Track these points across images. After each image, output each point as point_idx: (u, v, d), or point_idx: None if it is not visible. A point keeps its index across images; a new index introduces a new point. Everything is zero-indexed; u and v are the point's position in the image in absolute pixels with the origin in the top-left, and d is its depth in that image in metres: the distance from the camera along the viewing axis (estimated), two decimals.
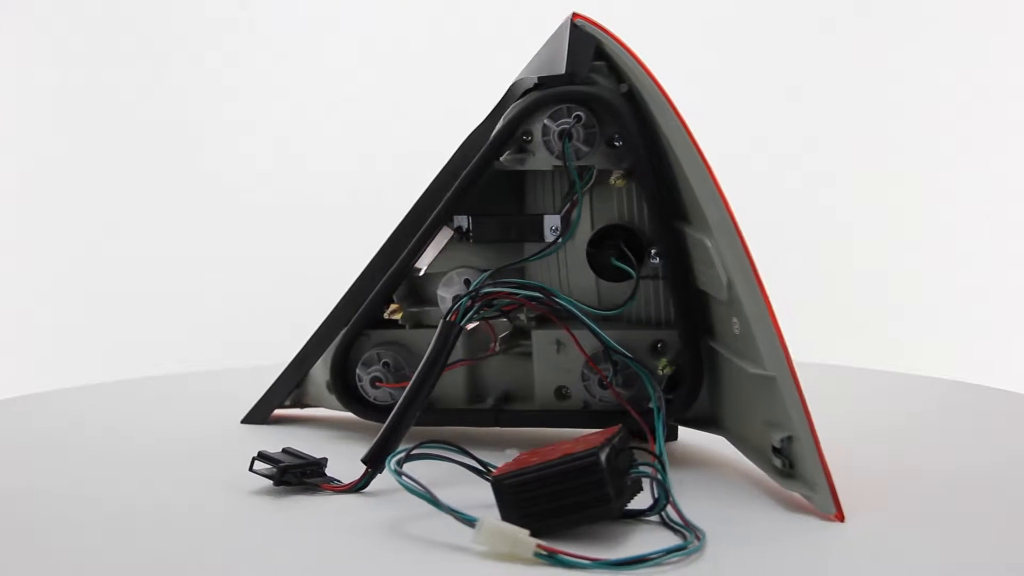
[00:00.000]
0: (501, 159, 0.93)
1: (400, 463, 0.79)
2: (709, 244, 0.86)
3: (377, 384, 0.97)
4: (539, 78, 0.91)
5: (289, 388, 1.04)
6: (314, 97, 1.87)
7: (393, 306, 0.97)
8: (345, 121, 1.76)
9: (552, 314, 0.90)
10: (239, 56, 1.88)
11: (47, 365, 1.85)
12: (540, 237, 0.94)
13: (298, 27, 1.89)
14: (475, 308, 0.88)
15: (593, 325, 0.87)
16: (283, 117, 1.90)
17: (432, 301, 0.98)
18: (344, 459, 0.89)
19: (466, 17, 1.81)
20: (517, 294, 0.88)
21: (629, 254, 0.91)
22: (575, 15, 0.92)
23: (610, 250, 0.92)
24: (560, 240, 0.93)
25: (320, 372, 1.02)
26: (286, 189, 1.81)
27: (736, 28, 1.96)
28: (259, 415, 1.05)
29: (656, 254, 0.91)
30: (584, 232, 0.94)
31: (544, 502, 0.74)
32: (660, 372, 0.92)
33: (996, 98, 1.89)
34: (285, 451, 0.87)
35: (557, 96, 0.91)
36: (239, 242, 1.85)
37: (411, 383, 0.86)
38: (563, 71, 0.90)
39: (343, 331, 0.99)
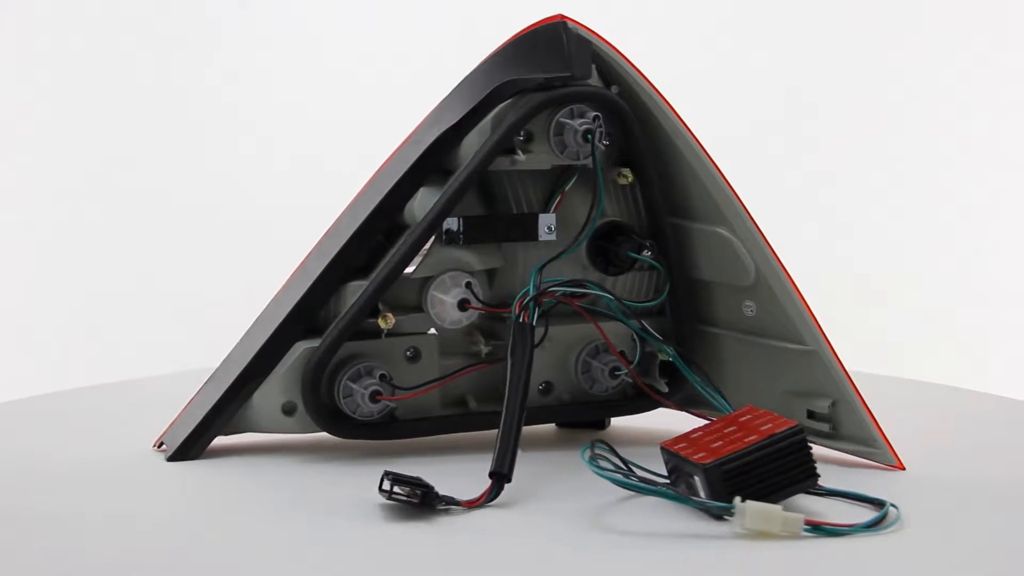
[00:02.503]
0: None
1: (594, 461, 0.79)
2: (729, 235, 0.94)
3: (378, 398, 0.92)
4: (545, 79, 0.92)
5: (228, 416, 0.94)
6: (315, 96, 1.87)
7: (386, 315, 0.92)
8: (346, 121, 1.65)
9: (585, 311, 0.92)
10: (239, 58, 1.88)
11: (45, 365, 1.81)
12: (534, 236, 0.95)
13: (298, 26, 1.90)
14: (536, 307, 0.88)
15: (644, 323, 0.91)
16: (285, 117, 1.88)
17: (406, 307, 0.94)
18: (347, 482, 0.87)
19: (466, 17, 1.61)
20: (588, 292, 0.90)
21: (646, 245, 0.95)
22: (562, 17, 0.94)
23: (626, 244, 0.95)
24: (584, 235, 0.95)
25: (271, 393, 0.93)
26: (288, 189, 1.78)
27: (736, 28, 1.94)
28: (192, 450, 0.94)
29: (651, 247, 0.96)
30: (574, 228, 0.96)
31: (756, 483, 0.78)
32: (660, 357, 0.97)
33: (996, 98, 1.89)
34: (389, 473, 0.81)
35: (568, 96, 0.92)
36: (239, 242, 1.82)
37: (509, 390, 0.84)
38: (565, 72, 0.92)
39: (313, 347, 0.92)
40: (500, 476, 0.82)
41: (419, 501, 0.78)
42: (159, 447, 0.96)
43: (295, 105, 1.89)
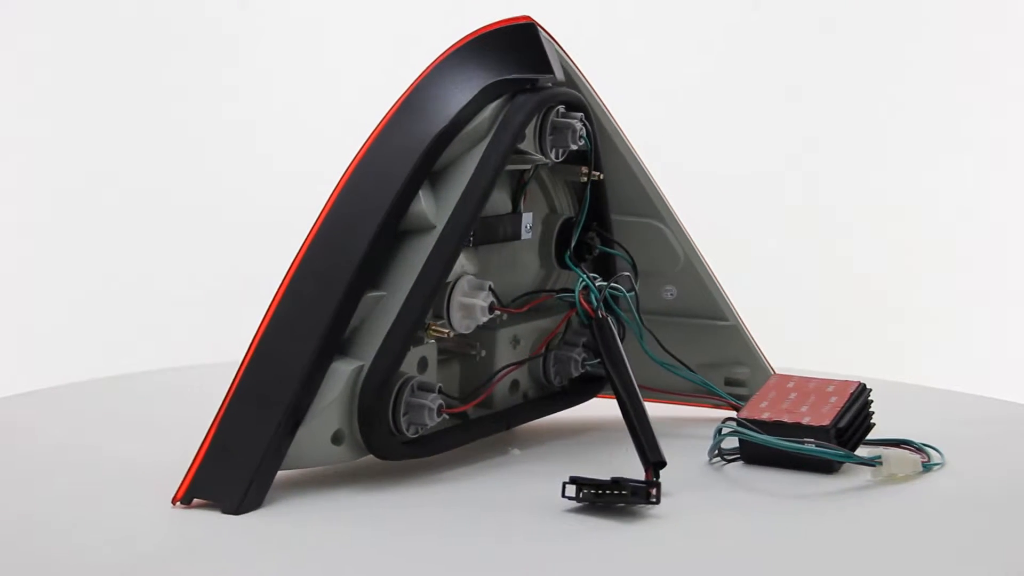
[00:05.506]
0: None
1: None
2: (661, 227, 1.03)
3: (444, 411, 0.87)
4: (535, 79, 0.93)
5: (282, 455, 0.83)
6: (316, 96, 1.90)
7: (433, 325, 0.88)
8: (346, 121, 1.38)
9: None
10: (239, 56, 1.92)
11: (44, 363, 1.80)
12: (519, 235, 0.95)
13: (299, 26, 1.92)
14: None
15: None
16: (285, 116, 1.91)
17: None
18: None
19: (468, 17, 1.09)
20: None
21: (619, 243, 0.99)
22: (528, 18, 0.95)
23: (596, 239, 0.99)
24: (576, 231, 0.97)
25: (321, 424, 0.84)
26: (289, 191, 1.76)
27: (736, 28, 1.90)
28: (255, 499, 0.81)
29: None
30: (535, 226, 0.98)
31: (851, 436, 0.91)
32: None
33: (996, 98, 1.89)
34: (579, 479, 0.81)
35: (558, 96, 0.94)
36: (238, 241, 1.84)
37: (620, 387, 0.87)
38: (549, 73, 0.94)
39: (352, 368, 0.85)
40: (658, 464, 0.84)
41: (657, 500, 0.79)
42: (186, 503, 0.81)
43: (295, 104, 1.91)
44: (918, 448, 0.93)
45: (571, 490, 0.81)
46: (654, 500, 0.79)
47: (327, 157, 1.63)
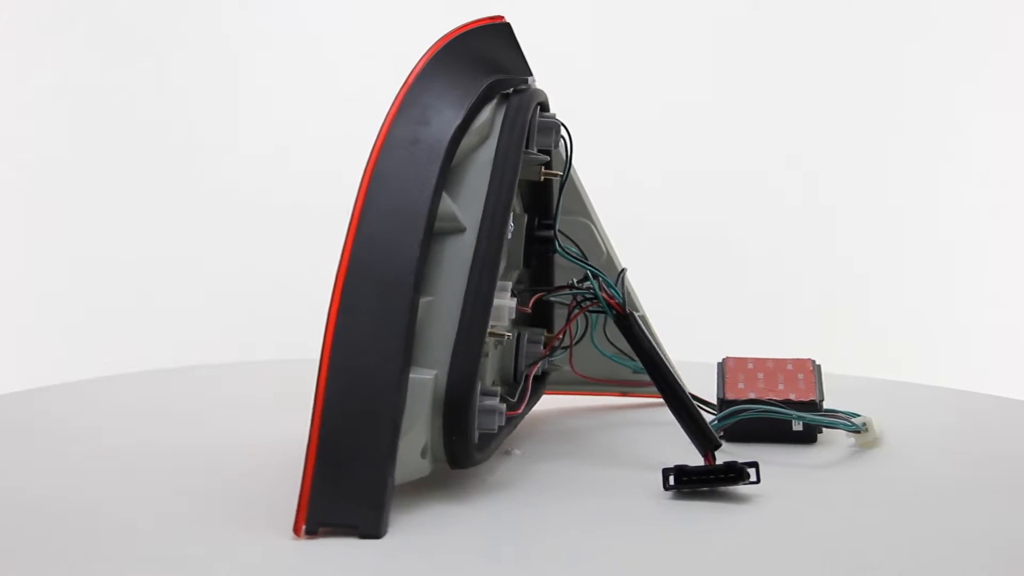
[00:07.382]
0: None
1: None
2: (589, 223, 1.07)
3: (508, 414, 0.86)
4: (523, 80, 0.94)
5: (394, 470, 0.78)
6: (317, 95, 1.91)
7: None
8: (347, 121, 1.53)
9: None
10: (239, 55, 1.93)
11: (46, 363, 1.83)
12: (508, 235, 0.95)
13: (299, 25, 1.94)
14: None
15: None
16: (285, 116, 1.92)
17: None
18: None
19: (469, 16, 0.70)
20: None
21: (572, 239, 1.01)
22: (501, 18, 0.96)
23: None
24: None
25: (415, 439, 0.81)
26: (290, 191, 1.81)
27: (736, 29, 1.90)
28: (387, 518, 0.76)
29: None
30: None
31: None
32: (544, 336, 1.03)
33: (997, 99, 1.90)
34: (686, 468, 0.84)
35: (538, 97, 0.96)
36: (242, 242, 1.85)
37: (660, 379, 0.90)
38: (529, 75, 0.95)
39: (426, 378, 0.82)
40: (715, 447, 0.89)
41: (758, 479, 0.84)
42: (311, 533, 0.75)
43: (296, 102, 1.91)
44: (845, 415, 1.04)
45: (668, 478, 0.84)
46: (754, 480, 0.84)
47: (325, 156, 1.58)
